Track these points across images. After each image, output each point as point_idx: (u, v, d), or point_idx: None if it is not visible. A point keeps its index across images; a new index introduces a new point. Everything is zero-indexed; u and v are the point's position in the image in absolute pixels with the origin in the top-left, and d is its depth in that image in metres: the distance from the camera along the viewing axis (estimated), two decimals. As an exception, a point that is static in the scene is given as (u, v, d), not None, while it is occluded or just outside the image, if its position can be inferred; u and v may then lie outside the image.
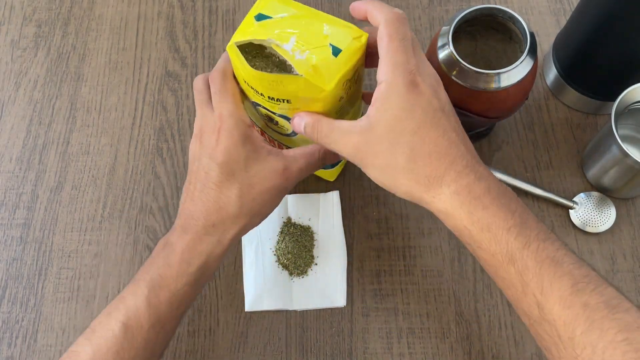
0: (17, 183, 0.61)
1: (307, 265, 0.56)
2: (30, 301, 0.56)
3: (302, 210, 0.58)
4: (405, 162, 0.40)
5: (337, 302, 0.55)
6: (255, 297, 0.55)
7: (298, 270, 0.56)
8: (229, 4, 0.70)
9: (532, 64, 0.50)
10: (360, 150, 0.42)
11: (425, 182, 0.40)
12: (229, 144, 0.44)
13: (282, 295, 0.55)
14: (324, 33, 0.43)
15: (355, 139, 0.42)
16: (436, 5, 0.70)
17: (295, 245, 0.57)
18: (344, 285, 0.55)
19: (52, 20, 0.70)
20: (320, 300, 0.55)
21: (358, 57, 0.44)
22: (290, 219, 0.58)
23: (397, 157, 0.40)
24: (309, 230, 0.58)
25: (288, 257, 0.56)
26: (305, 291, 0.56)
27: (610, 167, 0.55)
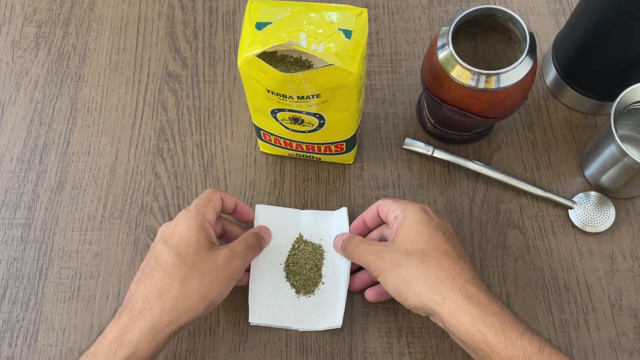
0: (17, 183, 0.61)
1: (315, 284, 0.55)
2: (30, 301, 0.56)
3: (315, 227, 0.57)
4: (418, 264, 0.46)
5: (336, 321, 0.54)
6: (261, 311, 0.54)
7: (305, 290, 0.55)
8: (229, 5, 0.70)
9: (532, 64, 0.50)
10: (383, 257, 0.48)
11: (436, 283, 0.45)
12: (183, 229, 0.47)
13: (286, 313, 0.54)
14: (327, 21, 0.45)
15: (378, 249, 0.49)
16: (436, 6, 0.70)
17: (305, 263, 0.56)
18: (343, 306, 0.54)
19: (53, 20, 0.70)
20: (323, 321, 0.54)
21: (366, 33, 0.46)
22: (302, 236, 0.57)
23: (412, 260, 0.46)
24: (320, 248, 0.57)
25: (297, 275, 0.55)
26: (309, 312, 0.54)
27: (610, 167, 0.55)
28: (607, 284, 0.56)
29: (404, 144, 0.61)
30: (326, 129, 0.52)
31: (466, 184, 0.60)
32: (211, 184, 0.61)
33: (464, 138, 0.61)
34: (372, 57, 0.67)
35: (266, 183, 0.61)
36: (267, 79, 0.45)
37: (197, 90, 0.65)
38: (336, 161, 0.60)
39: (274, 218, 0.57)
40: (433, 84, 0.53)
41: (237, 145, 0.63)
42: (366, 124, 0.63)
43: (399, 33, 0.68)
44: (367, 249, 0.50)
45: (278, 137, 0.56)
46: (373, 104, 0.64)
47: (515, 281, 0.56)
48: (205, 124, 0.64)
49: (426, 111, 0.61)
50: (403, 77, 0.66)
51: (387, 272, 0.47)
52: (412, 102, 0.64)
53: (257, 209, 0.57)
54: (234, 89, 0.65)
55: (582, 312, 0.55)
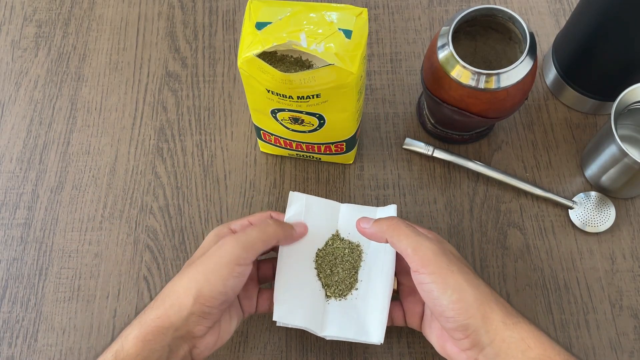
0: (17, 183, 0.61)
1: (349, 288, 0.50)
2: (30, 301, 0.56)
3: (354, 223, 0.51)
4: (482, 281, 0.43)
5: (373, 337, 0.47)
6: (287, 309, 0.48)
7: (337, 293, 0.49)
8: (229, 4, 0.70)
9: (532, 64, 0.50)
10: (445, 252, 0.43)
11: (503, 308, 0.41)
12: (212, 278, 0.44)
13: (314, 317, 0.48)
14: (327, 21, 0.45)
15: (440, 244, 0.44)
16: (436, 6, 0.70)
17: (340, 263, 0.51)
18: (385, 319, 0.47)
19: (53, 20, 0.70)
20: (354, 332, 0.48)
21: (366, 33, 0.46)
22: (338, 233, 0.52)
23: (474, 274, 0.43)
24: (358, 249, 0.51)
25: (330, 275, 0.50)
26: (340, 318, 0.48)
27: (610, 167, 0.55)
28: (608, 284, 0.55)
29: (404, 144, 0.61)
30: (326, 129, 0.52)
31: (466, 184, 0.60)
32: (211, 184, 0.61)
33: (464, 138, 0.61)
34: (372, 57, 0.67)
35: (266, 183, 0.61)
36: (267, 78, 0.45)
37: (197, 90, 0.65)
38: (336, 161, 0.60)
39: (309, 208, 0.52)
40: (433, 84, 0.53)
41: (237, 145, 0.63)
42: (366, 124, 0.63)
43: (399, 33, 0.68)
44: (424, 235, 0.44)
45: (278, 137, 0.56)
46: (373, 104, 0.64)
47: (515, 281, 0.56)
48: (205, 124, 0.64)
49: (426, 111, 0.61)
50: (403, 77, 0.66)
51: (452, 275, 0.42)
52: (412, 102, 0.64)
53: (291, 197, 0.52)
54: (234, 89, 0.65)
55: (582, 312, 0.55)
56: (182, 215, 0.59)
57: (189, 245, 0.58)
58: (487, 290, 0.42)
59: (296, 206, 0.52)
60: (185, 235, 0.58)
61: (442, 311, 0.42)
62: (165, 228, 0.59)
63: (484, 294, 0.41)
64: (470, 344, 0.41)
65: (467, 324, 0.41)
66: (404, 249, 0.43)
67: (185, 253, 0.58)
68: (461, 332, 0.41)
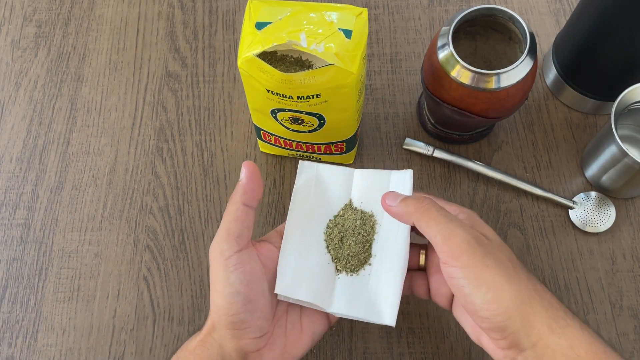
0: (17, 183, 0.61)
1: (361, 263, 0.45)
2: (30, 301, 0.56)
3: (368, 191, 0.47)
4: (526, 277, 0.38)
5: (385, 318, 0.43)
6: (291, 281, 0.44)
7: (349, 268, 0.45)
8: (229, 4, 0.70)
9: (532, 64, 0.50)
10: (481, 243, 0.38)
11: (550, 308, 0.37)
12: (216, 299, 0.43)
13: (322, 291, 0.44)
14: (327, 21, 0.45)
15: (477, 233, 0.39)
16: (436, 6, 0.70)
17: (351, 235, 0.46)
18: (398, 300, 0.43)
19: (53, 20, 0.70)
20: (365, 311, 0.44)
21: (366, 33, 0.46)
22: (351, 203, 0.48)
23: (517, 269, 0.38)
24: (371, 219, 0.47)
25: (340, 248, 0.46)
26: (350, 294, 0.44)
27: (610, 167, 0.55)
28: (608, 284, 0.55)
29: (404, 144, 0.61)
30: (326, 129, 0.52)
31: (466, 184, 0.60)
32: (211, 184, 0.61)
33: (464, 138, 0.60)
34: (372, 57, 0.67)
35: (266, 183, 0.61)
36: (267, 78, 0.45)
37: (197, 90, 0.65)
38: (336, 161, 0.60)
39: (319, 176, 0.48)
40: (433, 83, 0.53)
41: (237, 145, 0.63)
42: (366, 124, 0.63)
43: (399, 33, 0.68)
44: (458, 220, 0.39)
45: (278, 137, 0.56)
46: (373, 104, 0.64)
47: (515, 281, 0.56)
48: (205, 124, 0.64)
49: (426, 111, 0.61)
50: (403, 77, 0.66)
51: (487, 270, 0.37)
52: (412, 102, 0.64)
53: (300, 166, 0.48)
54: (233, 89, 0.65)
55: (582, 312, 0.54)
56: (182, 215, 0.59)
57: (189, 246, 0.58)
58: (530, 287, 0.37)
59: (306, 175, 0.48)
60: (185, 236, 0.58)
61: (475, 310, 0.37)
62: (165, 228, 0.59)
63: (525, 292, 0.37)
64: (509, 345, 0.37)
65: (504, 325, 0.36)
66: (433, 236, 0.39)
67: (185, 253, 0.58)
68: (497, 333, 0.37)
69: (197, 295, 0.56)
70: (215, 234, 0.43)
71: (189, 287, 0.56)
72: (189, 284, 0.56)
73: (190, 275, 0.57)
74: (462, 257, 0.37)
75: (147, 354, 0.54)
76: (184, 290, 0.56)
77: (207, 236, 0.58)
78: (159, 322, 0.55)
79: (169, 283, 0.56)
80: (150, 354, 0.54)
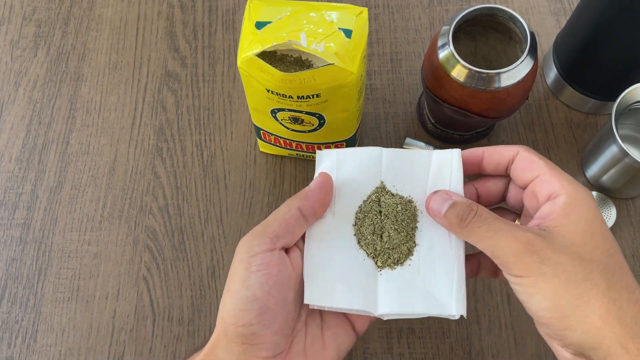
0: (16, 183, 0.61)
1: (405, 255, 0.39)
2: (30, 301, 0.56)
3: (403, 173, 0.40)
4: (605, 288, 0.32)
5: (450, 308, 0.37)
6: (323, 287, 0.37)
7: (391, 262, 0.39)
8: (229, 4, 0.70)
9: (532, 64, 0.50)
10: (535, 249, 0.33)
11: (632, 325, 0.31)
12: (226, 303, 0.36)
13: (362, 293, 0.38)
14: (327, 20, 0.45)
15: (530, 236, 0.33)
16: (436, 5, 0.69)
17: (392, 224, 0.39)
18: (463, 288, 0.37)
19: (52, 20, 0.70)
20: (423, 305, 0.37)
21: (366, 32, 0.46)
22: (384, 186, 0.40)
23: (593, 276, 0.32)
24: (411, 205, 0.40)
25: (377, 241, 0.39)
26: (399, 290, 0.38)
27: (611, 167, 0.55)
28: (608, 284, 0.55)
29: (404, 144, 0.61)
30: (326, 128, 0.52)
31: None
32: (211, 184, 0.60)
33: (464, 138, 0.60)
34: (372, 56, 0.67)
35: (266, 183, 0.61)
36: (266, 78, 0.45)
37: (197, 90, 0.65)
38: None
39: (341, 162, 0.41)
40: (433, 83, 0.53)
41: (236, 145, 0.62)
42: (366, 124, 0.63)
43: (399, 32, 0.68)
44: (505, 229, 0.34)
45: (278, 137, 0.56)
46: (373, 104, 0.64)
47: (515, 281, 0.56)
48: (205, 124, 0.63)
49: (426, 111, 0.61)
50: (403, 77, 0.65)
51: (543, 278, 0.32)
52: (412, 101, 0.64)
53: (319, 155, 0.41)
54: (233, 88, 0.65)
55: (582, 312, 0.54)
56: (182, 215, 0.59)
57: (189, 246, 0.58)
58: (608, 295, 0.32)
59: (326, 164, 0.41)
60: (185, 236, 0.58)
61: (532, 314, 0.34)
62: (164, 228, 0.59)
63: (597, 301, 0.31)
64: (573, 354, 0.33)
65: (564, 335, 0.32)
66: (483, 251, 0.35)
67: (184, 253, 0.57)
68: (558, 340, 0.33)
69: (197, 296, 0.56)
70: (214, 234, 0.41)
71: (188, 287, 0.56)
72: (188, 284, 0.56)
73: (190, 276, 0.57)
74: (512, 269, 0.33)
75: (146, 354, 0.54)
76: (184, 290, 0.56)
77: (207, 236, 0.58)
78: (158, 322, 0.55)
79: (169, 283, 0.56)
80: (150, 354, 0.54)
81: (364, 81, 0.50)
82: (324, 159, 0.41)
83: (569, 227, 0.33)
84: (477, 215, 0.35)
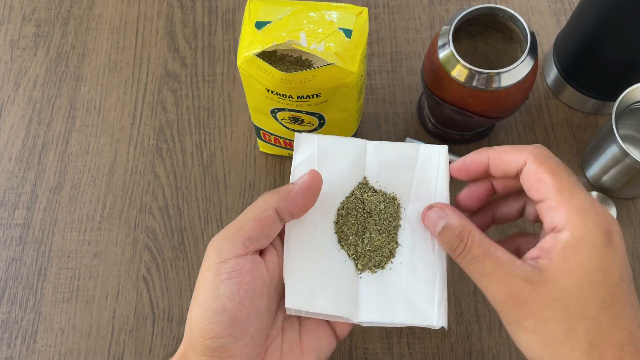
0: (16, 183, 0.61)
1: (387, 257, 0.37)
2: (29, 301, 0.56)
3: (387, 168, 0.39)
4: (585, 348, 0.29)
5: (431, 319, 0.36)
6: (305, 292, 0.36)
7: (372, 264, 0.37)
8: (228, 4, 0.70)
9: (533, 64, 0.50)
10: (519, 302, 0.31)
11: None
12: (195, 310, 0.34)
13: (343, 298, 0.36)
14: (328, 20, 0.44)
15: (518, 284, 0.31)
16: (436, 5, 0.69)
17: (374, 223, 0.38)
18: (444, 296, 0.36)
19: (52, 19, 0.70)
20: (404, 314, 0.36)
21: (366, 32, 0.46)
22: (367, 182, 0.39)
23: (574, 336, 0.30)
24: (394, 202, 0.38)
25: (359, 241, 0.37)
26: (380, 296, 0.37)
27: (611, 167, 0.55)
28: (608, 284, 0.55)
29: (404, 144, 0.61)
30: (326, 128, 0.52)
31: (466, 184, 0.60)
32: (210, 184, 0.60)
33: (464, 138, 0.60)
34: (372, 56, 0.67)
35: (266, 183, 0.61)
36: (266, 78, 0.45)
37: (197, 90, 0.65)
38: None
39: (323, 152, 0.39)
40: (434, 83, 0.53)
41: (236, 145, 0.62)
42: (366, 124, 0.63)
43: (399, 32, 0.68)
44: (494, 274, 0.32)
45: (278, 137, 0.56)
46: (373, 104, 0.64)
47: (516, 282, 0.56)
48: (205, 124, 0.63)
49: (427, 111, 0.61)
50: (403, 77, 0.65)
51: (520, 329, 0.31)
52: (412, 101, 0.64)
53: (297, 139, 0.39)
54: (233, 88, 0.65)
55: (583, 312, 0.54)
56: (182, 215, 0.59)
57: (189, 246, 0.58)
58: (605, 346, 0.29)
59: (305, 150, 0.38)
60: (185, 236, 0.58)
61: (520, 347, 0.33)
62: (164, 228, 0.59)
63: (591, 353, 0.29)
64: None
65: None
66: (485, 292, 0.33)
67: (184, 253, 0.57)
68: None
69: None
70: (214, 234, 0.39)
71: (188, 288, 0.56)
72: (188, 284, 0.56)
73: (190, 276, 0.57)
74: (499, 312, 0.32)
75: (146, 354, 0.54)
76: (184, 290, 0.56)
77: (207, 236, 0.58)
78: (158, 322, 0.55)
79: (169, 283, 0.56)
80: (150, 355, 0.54)
81: (364, 81, 0.50)
82: (303, 144, 0.39)
83: (564, 275, 0.30)
84: (465, 249, 0.33)
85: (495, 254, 0.32)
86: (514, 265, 0.31)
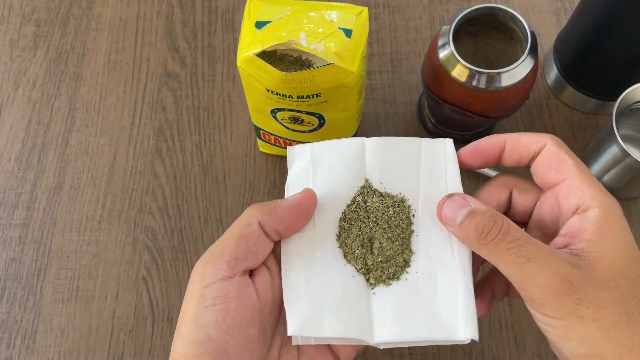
0: (16, 183, 0.61)
1: (402, 266, 0.33)
2: (29, 302, 0.56)
3: (390, 166, 0.35)
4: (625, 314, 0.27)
5: (458, 333, 0.31)
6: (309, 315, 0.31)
7: (385, 274, 0.33)
8: (228, 4, 0.70)
9: (533, 64, 0.50)
10: (573, 287, 0.27)
11: None
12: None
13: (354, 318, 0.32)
14: (328, 20, 0.44)
15: (566, 268, 0.27)
16: (437, 5, 0.69)
17: (383, 231, 0.33)
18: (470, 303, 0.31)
19: (51, 19, 0.70)
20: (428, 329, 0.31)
21: (366, 32, 0.46)
22: (370, 184, 0.35)
23: (633, 318, 0.27)
24: (403, 204, 0.34)
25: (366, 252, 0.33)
26: (396, 312, 0.32)
27: (611, 167, 0.55)
28: (609, 284, 0.55)
29: (405, 144, 0.61)
30: (326, 128, 0.52)
31: (467, 184, 0.60)
32: (210, 184, 0.60)
33: (464, 138, 0.60)
34: (373, 56, 0.66)
35: (266, 183, 0.60)
36: (266, 78, 0.45)
37: (196, 90, 0.65)
38: None
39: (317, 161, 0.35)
40: (434, 83, 0.53)
41: (236, 145, 0.62)
42: (366, 124, 0.63)
43: (399, 32, 0.68)
44: (539, 258, 0.28)
45: (278, 137, 0.56)
46: (373, 104, 0.64)
47: (516, 282, 0.56)
48: (205, 124, 0.63)
49: (427, 111, 0.61)
50: (403, 77, 0.65)
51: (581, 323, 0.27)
52: (412, 101, 0.64)
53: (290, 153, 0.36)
54: (233, 88, 0.65)
55: (583, 313, 0.54)
56: (182, 215, 0.59)
57: (188, 246, 0.58)
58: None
59: (299, 163, 0.35)
60: (185, 236, 0.58)
61: (562, 358, 0.30)
62: (164, 228, 0.59)
63: None
64: None
65: None
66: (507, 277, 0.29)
67: (184, 254, 0.57)
68: None
69: (197, 296, 0.56)
70: (214, 234, 0.38)
71: (188, 288, 0.56)
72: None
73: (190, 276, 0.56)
74: (544, 308, 0.28)
75: (146, 354, 0.54)
76: (184, 291, 0.56)
77: (207, 236, 0.58)
78: (158, 322, 0.55)
79: (168, 284, 0.56)
80: (150, 355, 0.54)
81: (364, 81, 0.50)
82: (297, 158, 0.36)
83: (607, 254, 0.28)
84: (502, 231, 0.28)
85: (533, 238, 0.29)
86: (556, 251, 0.28)
